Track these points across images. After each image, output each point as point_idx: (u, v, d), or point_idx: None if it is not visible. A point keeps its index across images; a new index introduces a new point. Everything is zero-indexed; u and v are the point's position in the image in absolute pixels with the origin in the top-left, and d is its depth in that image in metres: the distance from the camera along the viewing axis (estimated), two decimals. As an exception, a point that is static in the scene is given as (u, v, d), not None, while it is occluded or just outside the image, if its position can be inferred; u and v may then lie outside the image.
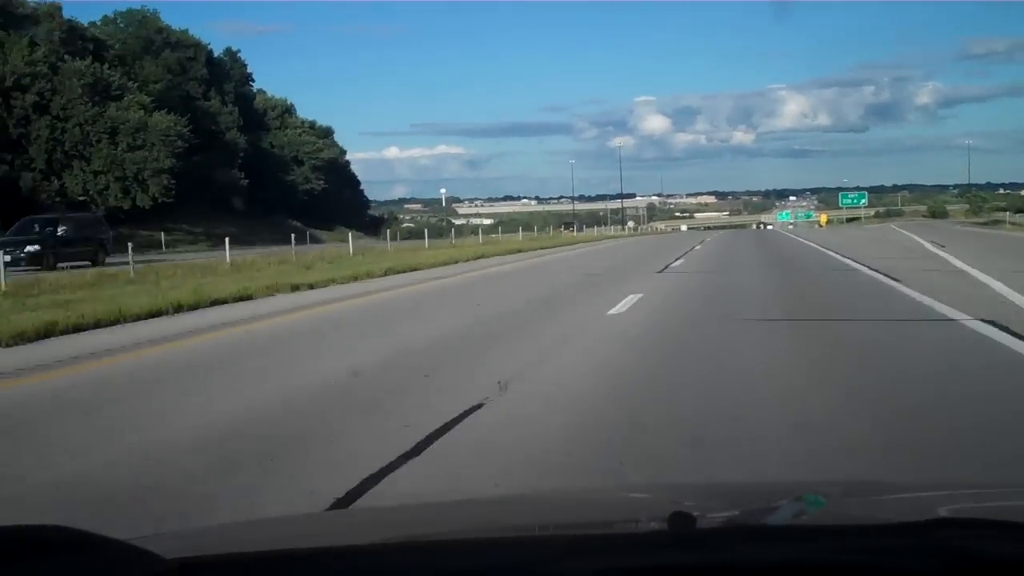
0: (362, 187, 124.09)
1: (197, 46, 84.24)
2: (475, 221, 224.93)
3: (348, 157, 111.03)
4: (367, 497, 5.03)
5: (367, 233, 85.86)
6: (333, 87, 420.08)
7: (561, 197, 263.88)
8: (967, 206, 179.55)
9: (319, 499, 4.93)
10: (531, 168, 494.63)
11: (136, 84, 67.24)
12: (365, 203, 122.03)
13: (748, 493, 3.03)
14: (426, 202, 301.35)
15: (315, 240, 75.24)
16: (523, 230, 75.92)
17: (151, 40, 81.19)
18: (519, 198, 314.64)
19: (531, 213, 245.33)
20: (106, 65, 65.35)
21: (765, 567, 1.56)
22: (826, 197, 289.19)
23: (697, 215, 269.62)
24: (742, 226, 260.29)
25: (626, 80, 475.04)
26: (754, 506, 2.43)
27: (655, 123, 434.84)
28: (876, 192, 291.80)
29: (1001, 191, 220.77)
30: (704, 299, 17.04)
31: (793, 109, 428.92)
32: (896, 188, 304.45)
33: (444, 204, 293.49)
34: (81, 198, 62.88)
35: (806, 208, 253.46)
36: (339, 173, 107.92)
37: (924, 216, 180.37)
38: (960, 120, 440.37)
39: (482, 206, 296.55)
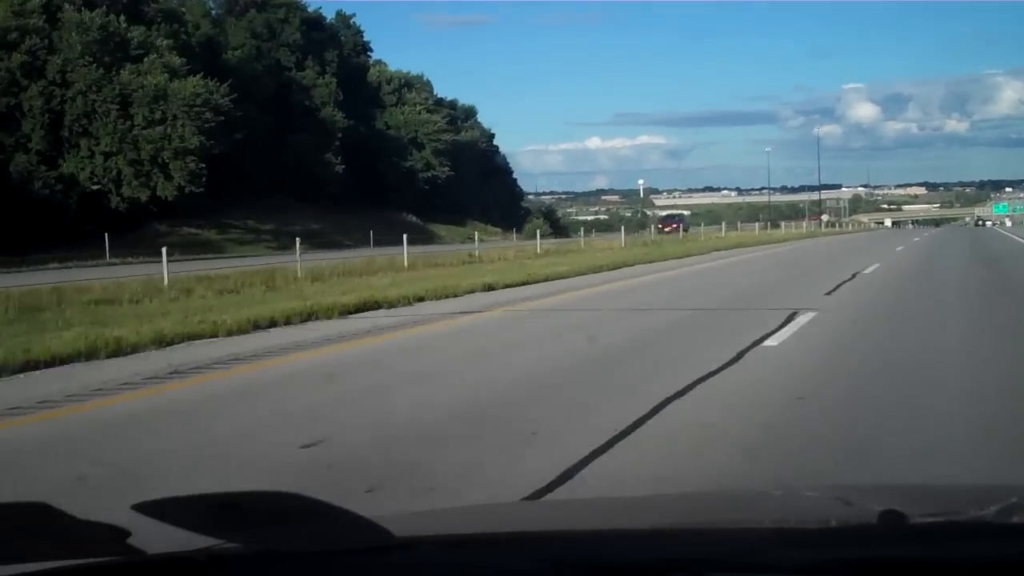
0: (514, 176, 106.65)
1: (290, 6, 67.97)
2: (667, 214, 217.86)
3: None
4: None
5: (511, 228, 69.54)
6: (538, 78, 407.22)
7: (763, 188, 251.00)
8: None
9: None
10: (734, 158, 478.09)
11: (167, 44, 50.53)
12: (518, 194, 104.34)
13: (954, 493, 3.12)
14: (624, 193, 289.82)
15: (427, 238, 58.98)
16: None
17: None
18: (719, 189, 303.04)
19: (729, 205, 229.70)
20: (125, 21, 49.22)
21: (980, 564, 1.53)
22: None
23: (905, 207, 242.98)
24: (953, 219, 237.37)
25: (834, 67, 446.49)
26: (962, 507, 2.44)
27: (863, 111, 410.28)
28: None
29: None
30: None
31: (1010, 95, 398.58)
32: None
33: (642, 195, 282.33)
34: (95, 187, 47.60)
35: (1022, 201, 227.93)
36: (481, 160, 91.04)
37: None
38: None
39: (680, 197, 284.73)
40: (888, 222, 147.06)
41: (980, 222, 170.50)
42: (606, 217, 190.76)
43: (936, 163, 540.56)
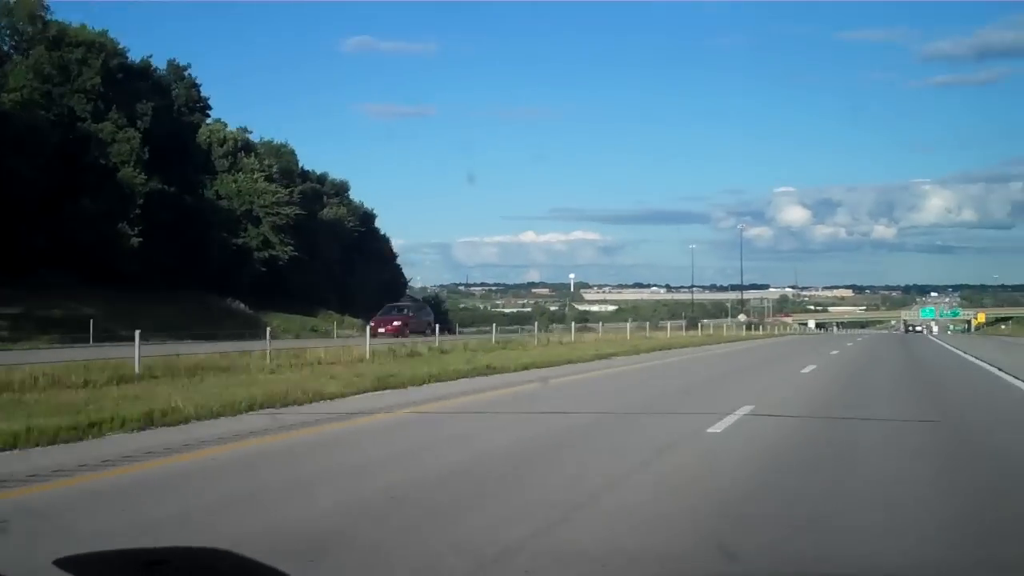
0: (398, 262, 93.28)
1: (91, 45, 54.50)
2: (596, 309, 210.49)
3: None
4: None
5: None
6: (479, 169, 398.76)
7: (692, 286, 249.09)
8: None
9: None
10: (666, 256, 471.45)
11: None
12: (401, 283, 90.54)
13: None
14: (555, 287, 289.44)
15: (255, 329, 45.32)
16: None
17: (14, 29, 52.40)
18: (649, 285, 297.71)
19: (657, 301, 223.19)
20: None
21: None
22: (969, 295, 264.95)
23: (832, 309, 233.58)
24: (879, 322, 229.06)
25: (766, 170, 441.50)
26: None
27: (794, 214, 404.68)
28: (1022, 291, 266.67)
29: None
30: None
31: (937, 204, 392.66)
32: None
33: (572, 289, 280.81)
34: None
35: (948, 305, 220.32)
36: (351, 242, 77.59)
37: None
38: None
39: (610, 292, 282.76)
40: (812, 324, 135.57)
41: (911, 328, 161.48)
42: (529, 310, 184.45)
43: (863, 267, 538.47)
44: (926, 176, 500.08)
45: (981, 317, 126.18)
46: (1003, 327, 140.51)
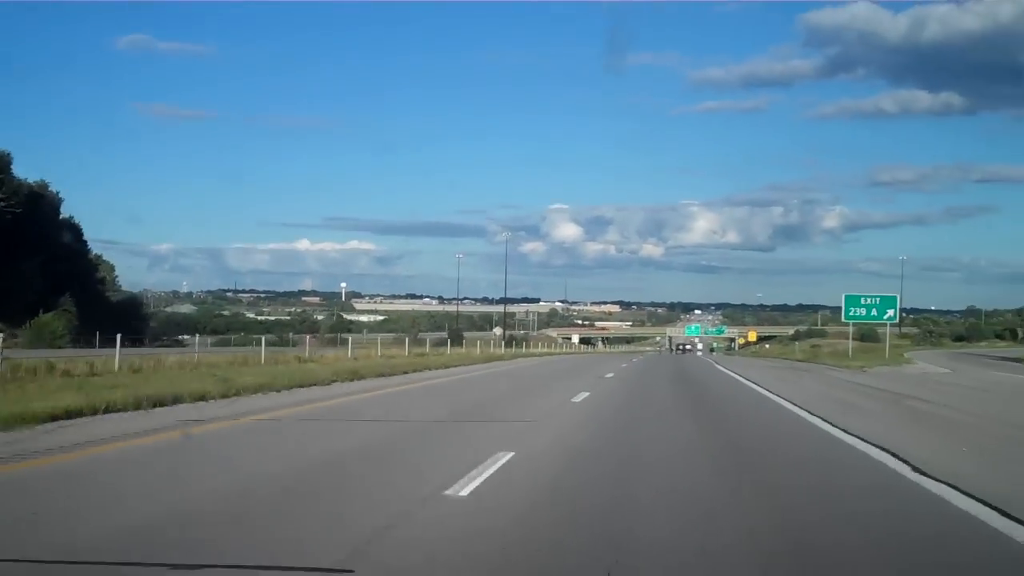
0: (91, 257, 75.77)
1: None
2: (364, 319, 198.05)
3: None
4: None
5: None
6: (255, 175, 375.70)
7: (465, 299, 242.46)
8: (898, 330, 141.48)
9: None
10: (441, 268, 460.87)
11: None
12: (91, 280, 73.10)
13: None
14: (326, 295, 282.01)
15: None
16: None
17: None
18: (422, 296, 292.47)
19: (428, 313, 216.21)
20: None
21: None
22: (731, 313, 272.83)
23: (598, 323, 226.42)
24: (644, 338, 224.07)
25: (541, 187, 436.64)
26: None
27: (567, 231, 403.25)
28: (781, 311, 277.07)
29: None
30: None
31: (703, 225, 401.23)
32: (801, 308, 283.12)
33: (344, 298, 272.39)
34: None
35: (711, 323, 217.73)
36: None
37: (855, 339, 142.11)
38: (863, 245, 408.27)
39: (382, 302, 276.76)
40: (576, 339, 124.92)
41: (679, 347, 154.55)
42: (287, 318, 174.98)
43: (632, 283, 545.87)
44: (694, 198, 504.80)
45: (752, 335, 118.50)
46: (767, 346, 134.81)
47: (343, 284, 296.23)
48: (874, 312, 65.36)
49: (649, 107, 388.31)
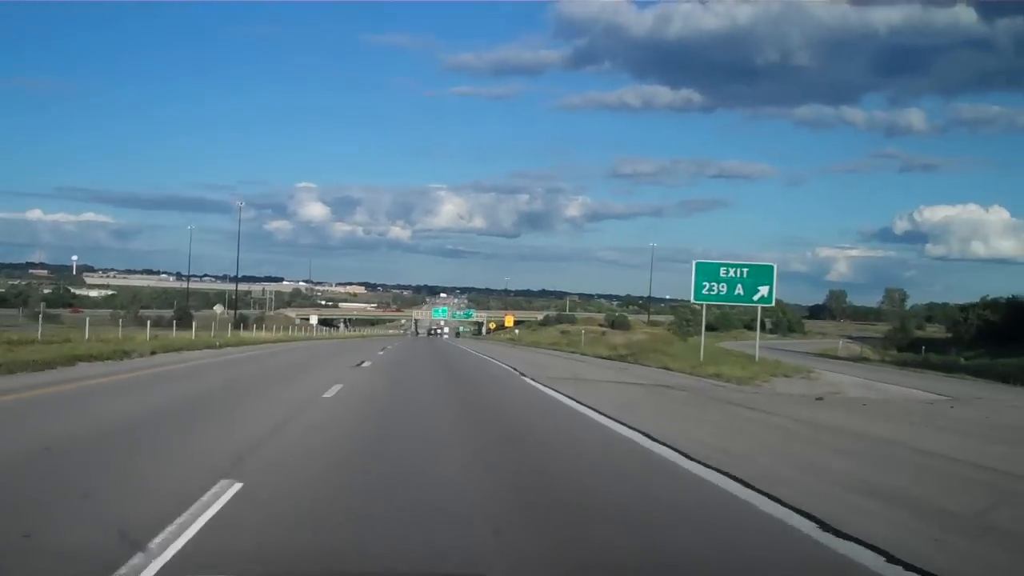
0: None
1: None
2: (94, 294, 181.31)
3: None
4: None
5: None
6: None
7: (204, 275, 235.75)
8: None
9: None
10: (184, 244, 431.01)
11: None
12: None
13: None
14: (56, 268, 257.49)
15: None
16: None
17: None
18: (159, 272, 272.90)
19: (164, 289, 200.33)
20: None
21: None
22: (476, 297, 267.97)
23: (343, 305, 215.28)
24: (391, 320, 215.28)
25: (289, 164, 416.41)
26: None
27: (314, 210, 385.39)
28: (525, 296, 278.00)
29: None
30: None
31: (450, 209, 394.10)
32: (545, 293, 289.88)
33: (75, 272, 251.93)
34: None
35: (458, 307, 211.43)
36: None
37: (601, 325, 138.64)
38: (604, 235, 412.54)
39: (115, 277, 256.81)
40: (314, 319, 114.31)
41: (433, 331, 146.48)
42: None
43: (378, 266, 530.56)
44: (442, 182, 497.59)
45: (509, 320, 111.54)
46: (517, 331, 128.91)
47: (74, 257, 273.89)
48: (739, 291, 38.82)
49: (401, 89, 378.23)
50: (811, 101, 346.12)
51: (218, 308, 69.27)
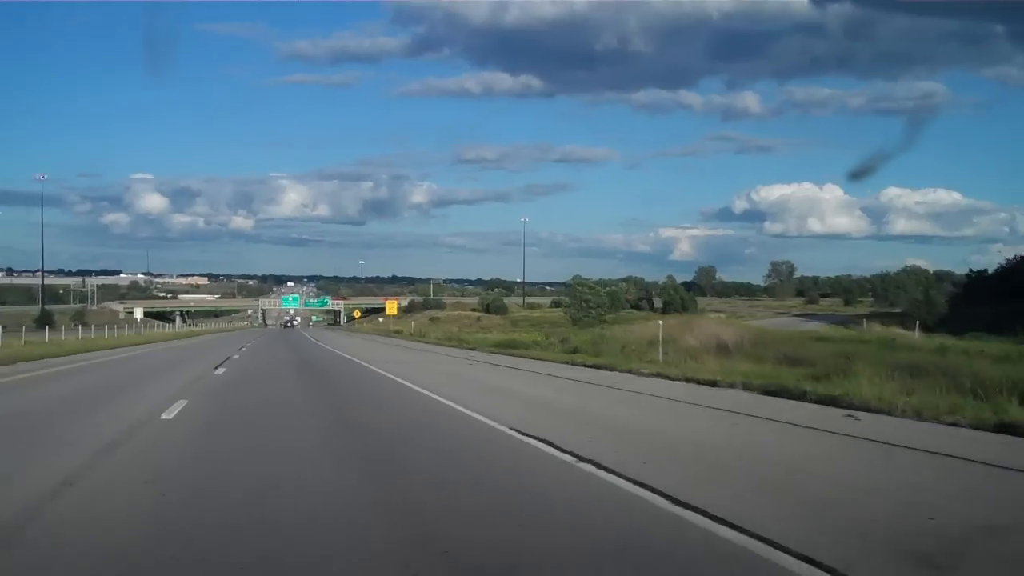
0: None
1: None
2: None
3: None
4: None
5: None
6: None
7: (37, 270, 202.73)
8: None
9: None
10: (14, 240, 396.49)
11: None
12: None
13: None
14: None
15: None
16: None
17: None
18: None
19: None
20: None
21: None
22: (325, 285, 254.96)
23: (183, 296, 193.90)
24: (235, 311, 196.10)
25: (123, 156, 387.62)
26: None
27: (152, 202, 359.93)
28: (376, 283, 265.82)
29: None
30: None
31: (293, 198, 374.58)
32: (396, 279, 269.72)
33: None
34: None
35: (307, 295, 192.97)
36: None
37: (475, 310, 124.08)
38: (451, 220, 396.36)
39: None
40: (139, 313, 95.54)
41: (289, 323, 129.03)
42: None
43: (221, 257, 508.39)
44: (284, 171, 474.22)
45: (392, 307, 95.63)
46: (380, 319, 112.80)
47: None
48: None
49: (237, 78, 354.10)
50: (649, 86, 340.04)
51: (119, 305, 49.66)
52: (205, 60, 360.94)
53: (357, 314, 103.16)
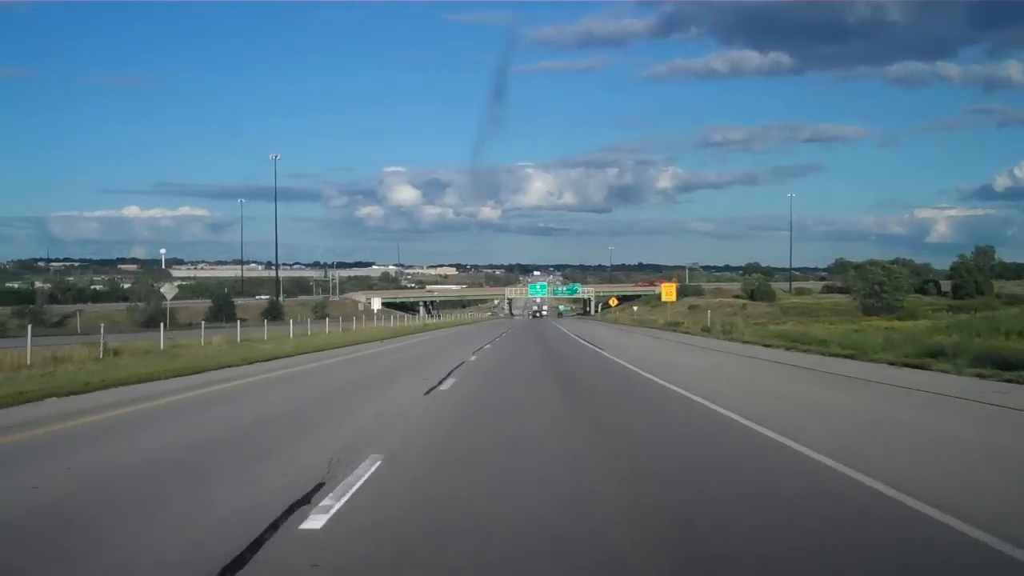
0: None
1: None
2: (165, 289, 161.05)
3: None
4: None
5: None
6: (79, 139, 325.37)
7: (295, 263, 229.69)
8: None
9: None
10: (275, 233, 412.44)
11: None
12: None
13: None
14: (144, 262, 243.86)
15: None
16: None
17: None
18: (249, 262, 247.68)
19: (249, 278, 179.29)
20: None
21: None
22: (571, 274, 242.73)
23: (431, 287, 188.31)
24: (481, 301, 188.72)
25: (377, 149, 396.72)
26: None
27: (404, 194, 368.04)
28: (622, 271, 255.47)
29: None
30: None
31: (540, 187, 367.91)
32: (642, 267, 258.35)
33: (164, 265, 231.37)
34: None
35: (553, 284, 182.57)
36: None
37: (737, 297, 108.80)
38: (697, 205, 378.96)
39: (203, 269, 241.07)
40: (376, 304, 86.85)
41: (537, 312, 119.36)
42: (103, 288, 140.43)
43: (469, 247, 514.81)
44: (530, 160, 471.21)
45: (669, 292, 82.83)
46: (635, 308, 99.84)
47: (162, 250, 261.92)
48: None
49: (486, 68, 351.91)
50: (905, 58, 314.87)
51: (166, 288, 40.06)
52: (452, 50, 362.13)
53: (614, 302, 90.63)
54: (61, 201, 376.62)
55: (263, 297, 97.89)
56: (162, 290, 39.93)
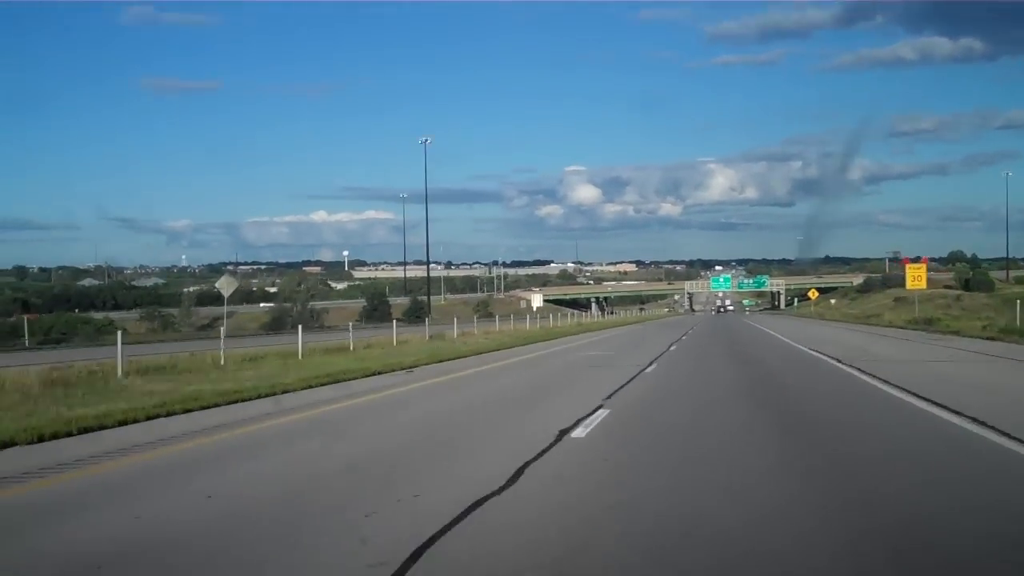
0: None
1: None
2: (341, 286, 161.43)
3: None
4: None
5: None
6: (270, 147, 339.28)
7: (475, 263, 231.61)
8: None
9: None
10: (457, 235, 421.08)
11: None
12: None
13: None
14: (328, 264, 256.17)
15: None
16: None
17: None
18: (421, 262, 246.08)
19: (423, 279, 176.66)
20: None
21: None
22: (753, 268, 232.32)
23: (606, 283, 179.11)
24: (661, 296, 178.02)
25: (557, 149, 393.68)
26: None
27: (584, 193, 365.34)
28: (806, 264, 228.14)
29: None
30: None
31: (721, 182, 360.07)
32: (829, 261, 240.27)
33: (346, 267, 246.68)
34: None
35: (735, 277, 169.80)
36: None
37: (948, 287, 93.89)
38: (884, 197, 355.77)
39: (383, 270, 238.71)
40: (537, 301, 78.38)
41: (721, 308, 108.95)
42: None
43: (650, 244, 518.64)
44: (711, 155, 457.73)
45: (814, 293, 70.85)
46: (833, 301, 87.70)
47: (345, 252, 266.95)
48: None
49: (664, 63, 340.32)
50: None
51: (223, 282, 31.25)
52: (630, 47, 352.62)
53: (814, 294, 78.38)
54: (253, 207, 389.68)
55: (421, 298, 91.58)
56: (216, 285, 32.76)
